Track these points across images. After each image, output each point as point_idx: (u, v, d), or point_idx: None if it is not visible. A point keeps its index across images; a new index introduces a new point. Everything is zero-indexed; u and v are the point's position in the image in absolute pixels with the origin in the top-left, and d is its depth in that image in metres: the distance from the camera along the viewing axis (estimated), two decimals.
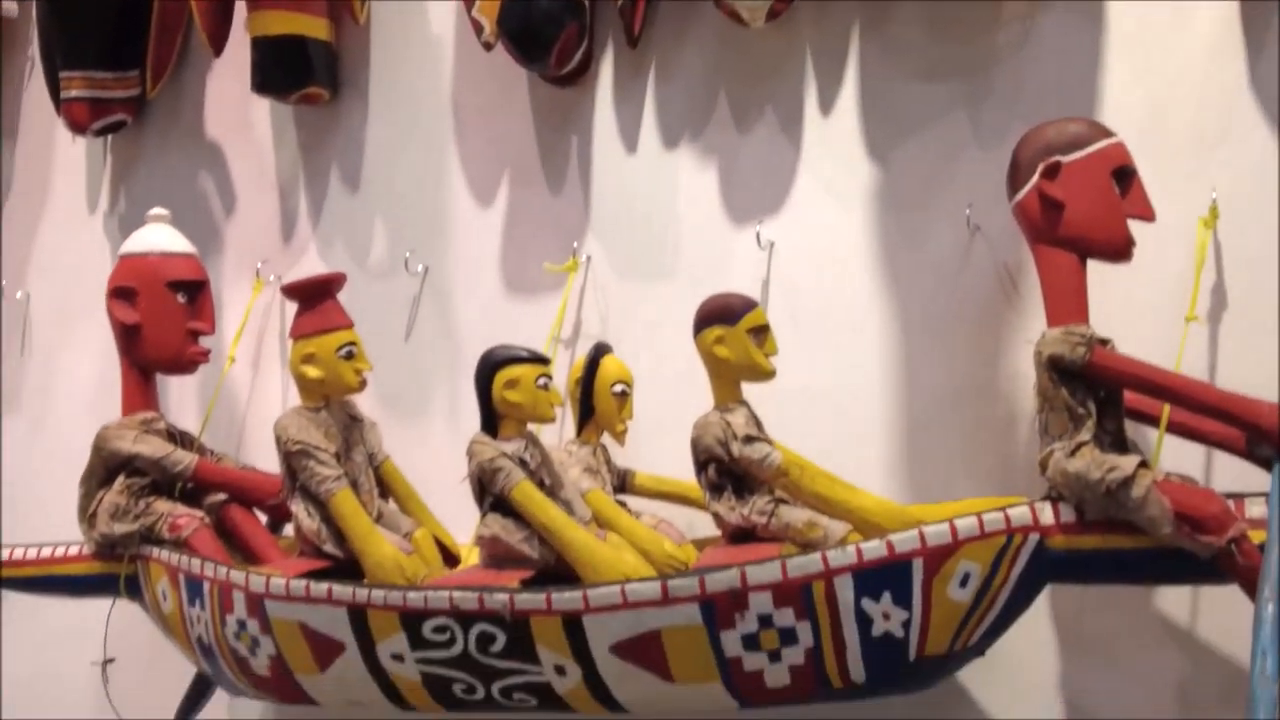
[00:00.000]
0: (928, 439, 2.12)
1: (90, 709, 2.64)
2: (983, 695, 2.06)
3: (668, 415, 2.16)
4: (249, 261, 2.66)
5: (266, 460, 2.44)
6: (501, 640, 1.80)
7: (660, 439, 2.21)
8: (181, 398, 2.67)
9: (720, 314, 1.92)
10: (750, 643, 1.72)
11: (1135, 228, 1.78)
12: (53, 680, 2.75)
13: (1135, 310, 1.93)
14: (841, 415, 2.17)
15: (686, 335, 1.96)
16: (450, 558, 2.16)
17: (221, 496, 2.28)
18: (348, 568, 2.02)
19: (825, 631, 1.71)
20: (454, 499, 2.19)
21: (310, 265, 2.62)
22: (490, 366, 1.96)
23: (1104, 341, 1.75)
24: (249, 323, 2.62)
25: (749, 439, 1.88)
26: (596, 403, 2.13)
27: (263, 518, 2.30)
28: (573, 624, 1.76)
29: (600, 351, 2.14)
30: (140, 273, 2.29)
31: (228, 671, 2.05)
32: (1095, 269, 1.79)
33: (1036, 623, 1.99)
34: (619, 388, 2.12)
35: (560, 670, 1.80)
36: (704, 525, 2.14)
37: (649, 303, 2.35)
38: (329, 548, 2.04)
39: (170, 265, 2.30)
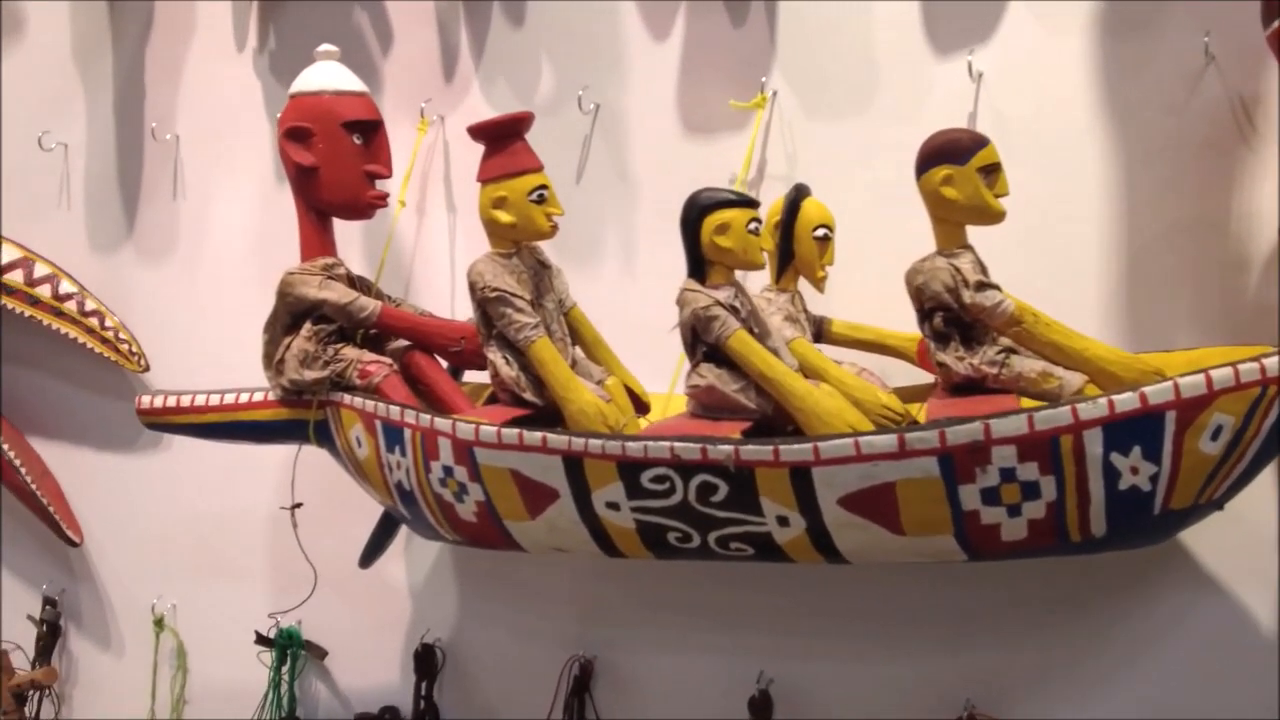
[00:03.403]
0: (1149, 283, 2.02)
1: (262, 552, 2.69)
2: (1202, 552, 2.00)
3: (859, 261, 2.08)
4: (410, 102, 2.56)
5: (437, 306, 2.42)
6: (723, 490, 1.77)
7: (850, 286, 2.13)
8: (343, 242, 2.61)
9: (949, 151, 1.81)
10: (990, 496, 1.67)
11: None
12: (219, 524, 2.78)
13: None
14: (1056, 257, 2.06)
15: (881, 176, 1.86)
16: (640, 405, 2.12)
17: (402, 343, 2.25)
18: (547, 415, 2.00)
19: (1070, 486, 1.65)
20: (629, 346, 2.16)
21: (474, 104, 2.52)
22: (699, 210, 1.88)
23: None
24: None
25: (980, 285, 1.80)
26: (797, 247, 2.04)
27: (443, 364, 2.27)
28: (800, 475, 1.72)
29: (801, 193, 2.04)
30: (313, 112, 2.20)
31: (430, 517, 2.05)
32: None
33: (1261, 477, 1.92)
34: (821, 231, 2.03)
35: (783, 521, 1.77)
36: (899, 373, 2.08)
37: (841, 141, 2.22)
38: (529, 395, 2.01)
39: (344, 105, 2.21)
